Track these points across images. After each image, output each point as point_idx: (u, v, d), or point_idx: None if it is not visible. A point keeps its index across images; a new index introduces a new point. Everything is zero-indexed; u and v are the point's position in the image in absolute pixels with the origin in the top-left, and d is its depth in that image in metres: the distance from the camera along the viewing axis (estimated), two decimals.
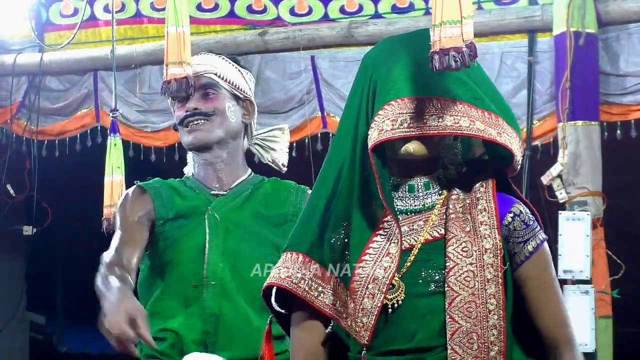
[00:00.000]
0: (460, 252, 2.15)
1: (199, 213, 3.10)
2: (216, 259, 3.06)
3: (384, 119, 2.14)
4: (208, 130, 3.12)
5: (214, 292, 3.04)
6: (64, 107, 6.51)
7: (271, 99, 6.02)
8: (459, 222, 2.18)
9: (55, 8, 6.53)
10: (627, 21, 5.34)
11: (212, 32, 6.13)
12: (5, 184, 6.78)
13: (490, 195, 2.21)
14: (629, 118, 5.35)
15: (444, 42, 2.10)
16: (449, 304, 2.12)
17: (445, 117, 2.14)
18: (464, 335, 2.11)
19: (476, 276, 2.14)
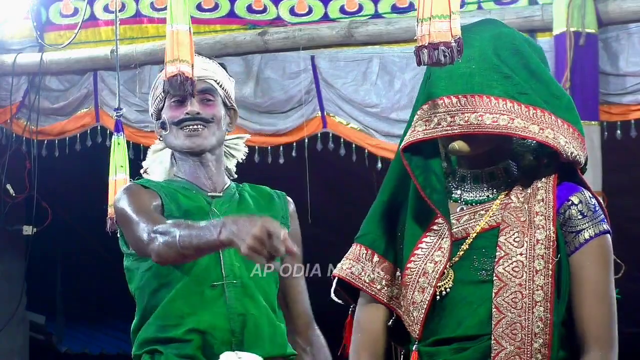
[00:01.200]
0: (512, 242, 2.16)
1: (203, 212, 3.08)
2: (232, 258, 3.04)
3: (419, 119, 2.19)
4: (205, 136, 3.11)
5: (236, 291, 3.02)
6: (64, 107, 6.51)
7: (271, 99, 6.02)
8: (516, 211, 2.18)
9: (55, 8, 6.52)
10: (627, 21, 5.34)
11: (212, 32, 6.13)
12: (5, 184, 6.78)
13: (551, 185, 2.20)
14: (629, 118, 5.35)
15: (433, 37, 2.10)
16: (496, 293, 2.13)
17: (485, 115, 2.15)
18: (507, 326, 2.12)
19: (525, 267, 2.14)
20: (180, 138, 3.12)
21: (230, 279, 3.02)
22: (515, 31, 2.31)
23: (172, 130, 3.14)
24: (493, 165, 2.24)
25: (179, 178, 3.18)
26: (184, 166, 3.17)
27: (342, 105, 5.87)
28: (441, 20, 2.11)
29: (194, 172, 3.16)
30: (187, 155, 3.15)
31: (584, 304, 2.21)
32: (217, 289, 3.01)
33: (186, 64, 3.26)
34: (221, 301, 3.01)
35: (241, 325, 3.01)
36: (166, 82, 3.16)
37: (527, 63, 2.23)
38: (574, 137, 2.22)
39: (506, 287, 2.13)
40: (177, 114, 3.13)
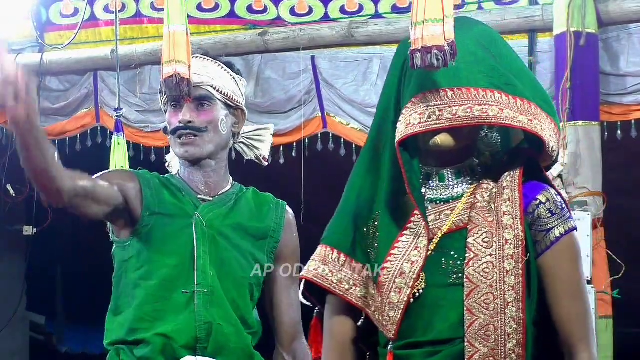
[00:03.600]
0: (481, 243, 2.14)
1: (186, 216, 3.08)
2: (207, 266, 3.04)
3: (412, 112, 2.14)
4: (199, 145, 3.09)
5: (206, 299, 3.03)
6: (64, 107, 6.51)
7: (271, 99, 6.02)
8: (483, 211, 2.17)
9: (56, 8, 6.53)
10: (628, 21, 5.34)
11: (213, 32, 6.13)
12: (5, 184, 6.78)
13: (516, 184, 2.19)
14: (630, 118, 5.35)
15: (426, 40, 2.10)
16: (467, 295, 2.11)
17: (474, 107, 2.13)
18: (480, 328, 2.10)
19: (495, 267, 2.12)
20: (176, 146, 3.12)
21: (201, 287, 3.03)
22: (491, 28, 2.31)
23: (171, 137, 3.14)
24: (459, 163, 2.22)
25: (177, 176, 3.18)
26: (183, 169, 3.18)
27: (343, 105, 5.87)
28: (434, 24, 2.12)
29: (189, 176, 3.15)
30: (183, 162, 3.16)
31: (561, 303, 2.18)
32: (188, 296, 3.02)
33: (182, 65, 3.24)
34: (190, 308, 3.02)
35: (207, 333, 3.02)
36: (162, 83, 3.15)
37: (509, 56, 2.23)
38: (555, 132, 2.24)
39: (477, 289, 2.11)
40: (173, 121, 3.12)
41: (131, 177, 3.11)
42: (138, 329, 3.03)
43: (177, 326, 3.01)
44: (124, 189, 3.06)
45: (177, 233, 3.06)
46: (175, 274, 3.04)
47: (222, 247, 3.08)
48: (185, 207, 3.10)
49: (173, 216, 3.08)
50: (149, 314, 3.03)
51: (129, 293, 3.07)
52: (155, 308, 3.03)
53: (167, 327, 3.01)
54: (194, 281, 3.03)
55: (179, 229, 3.07)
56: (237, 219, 3.13)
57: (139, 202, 3.07)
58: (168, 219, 3.07)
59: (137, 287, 3.06)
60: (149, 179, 3.13)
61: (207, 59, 3.27)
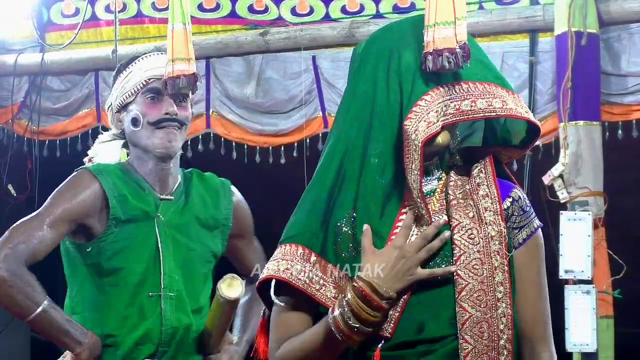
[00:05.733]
0: (467, 239, 2.13)
1: (148, 218, 3.07)
2: (172, 269, 3.06)
3: (428, 110, 2.10)
4: (177, 140, 3.10)
5: (172, 303, 3.04)
6: (65, 107, 6.51)
7: (272, 99, 6.02)
8: (462, 208, 2.15)
9: (57, 8, 6.53)
10: (629, 21, 5.34)
11: (214, 32, 6.13)
12: (6, 184, 6.78)
13: (491, 180, 2.19)
14: (631, 118, 5.35)
15: (437, 43, 2.10)
16: (459, 292, 2.10)
17: (478, 101, 2.12)
18: (474, 325, 2.09)
19: (484, 264, 2.12)
20: (155, 138, 3.07)
21: (168, 290, 3.04)
22: None
23: (147, 129, 3.09)
24: (428, 161, 2.19)
25: (133, 171, 3.13)
26: (143, 165, 3.13)
27: None
28: (446, 27, 2.11)
29: (151, 173, 3.12)
30: (151, 157, 3.11)
31: (528, 302, 2.19)
32: (154, 299, 3.03)
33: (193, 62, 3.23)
34: (157, 312, 3.03)
35: (171, 337, 3.04)
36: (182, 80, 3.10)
37: (480, 49, 2.22)
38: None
39: (469, 286, 2.10)
40: (154, 113, 3.08)
41: (94, 194, 3.06)
42: (108, 335, 3.05)
43: (146, 331, 3.03)
44: (81, 218, 3.05)
45: (142, 237, 3.06)
46: (142, 279, 3.05)
47: (183, 245, 3.09)
48: (147, 209, 3.08)
49: (137, 220, 3.07)
50: (118, 319, 3.04)
51: (95, 298, 3.07)
52: (123, 314, 3.04)
53: (136, 332, 3.03)
54: (160, 285, 3.04)
55: (142, 233, 3.06)
56: (192, 212, 3.14)
57: (101, 216, 3.05)
58: (132, 225, 3.06)
59: (106, 294, 3.06)
60: (113, 184, 3.07)
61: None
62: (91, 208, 3.05)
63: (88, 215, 3.05)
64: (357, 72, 2.21)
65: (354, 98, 2.20)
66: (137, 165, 3.13)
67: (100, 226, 3.05)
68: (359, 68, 2.21)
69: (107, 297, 3.06)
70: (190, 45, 3.19)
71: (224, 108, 6.09)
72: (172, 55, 3.20)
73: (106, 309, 3.05)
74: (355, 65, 2.23)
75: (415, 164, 2.08)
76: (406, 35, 2.18)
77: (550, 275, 4.06)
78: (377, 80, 2.17)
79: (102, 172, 3.10)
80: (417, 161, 2.08)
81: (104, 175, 3.09)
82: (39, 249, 3.02)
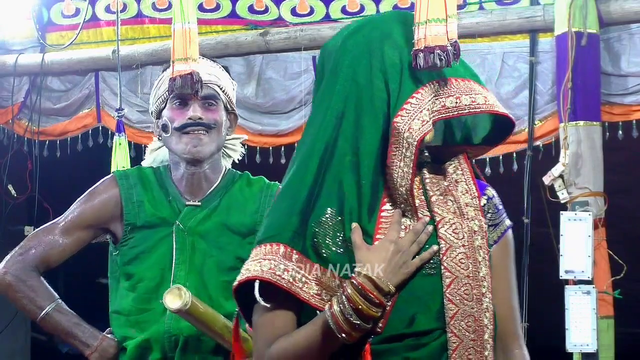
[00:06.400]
0: (452, 234, 2.13)
1: (166, 225, 3.09)
2: (182, 276, 3.06)
3: (420, 108, 2.09)
4: (206, 143, 3.09)
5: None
6: (66, 108, 6.52)
7: (272, 99, 6.02)
8: (443, 204, 2.16)
9: (57, 8, 6.53)
10: (629, 21, 5.33)
11: (214, 32, 6.13)
12: (6, 185, 6.78)
13: (469, 177, 2.20)
14: (631, 118, 5.35)
15: (429, 40, 2.09)
16: (447, 286, 2.10)
17: (462, 97, 2.12)
18: (462, 318, 2.10)
19: (469, 258, 2.12)
20: (182, 144, 3.10)
21: None
22: None
23: (174, 134, 3.11)
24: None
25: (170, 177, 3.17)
26: (176, 170, 3.16)
27: None
28: (437, 24, 2.11)
29: (182, 178, 3.15)
30: (182, 161, 3.13)
31: (501, 300, 2.20)
32: (163, 306, 3.01)
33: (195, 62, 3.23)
34: (163, 319, 3.05)
35: (174, 345, 3.05)
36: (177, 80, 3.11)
37: None
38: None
39: (456, 280, 2.10)
40: (180, 118, 3.10)
41: (110, 199, 3.13)
42: (125, 337, 3.09)
43: (152, 337, 3.06)
44: (99, 223, 3.13)
45: (157, 244, 3.08)
46: (154, 285, 3.07)
47: (202, 253, 3.08)
48: (165, 216, 3.10)
49: (154, 227, 3.09)
50: (133, 324, 3.08)
51: (121, 301, 3.13)
52: (137, 319, 3.08)
53: (141, 338, 3.06)
54: None
55: (159, 240, 3.08)
56: (219, 218, 3.12)
57: (119, 222, 3.11)
58: (149, 231, 3.09)
59: (125, 298, 3.11)
60: (132, 191, 3.12)
61: (208, 60, 3.28)
62: (106, 214, 3.12)
63: (107, 220, 3.13)
64: (334, 69, 2.17)
65: (332, 95, 2.16)
66: (172, 170, 3.18)
67: (120, 231, 3.12)
68: (336, 65, 2.18)
69: (125, 301, 3.11)
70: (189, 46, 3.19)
71: None
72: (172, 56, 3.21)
73: (125, 311, 3.10)
74: (329, 62, 2.20)
75: (405, 161, 2.07)
76: (385, 31, 2.17)
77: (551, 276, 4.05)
78: (356, 77, 2.14)
79: (126, 177, 3.16)
80: (408, 159, 2.07)
81: (125, 181, 3.14)
82: (51, 254, 3.11)
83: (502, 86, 5.51)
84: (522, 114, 5.44)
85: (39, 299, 3.08)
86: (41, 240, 3.11)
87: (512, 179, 5.46)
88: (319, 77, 2.24)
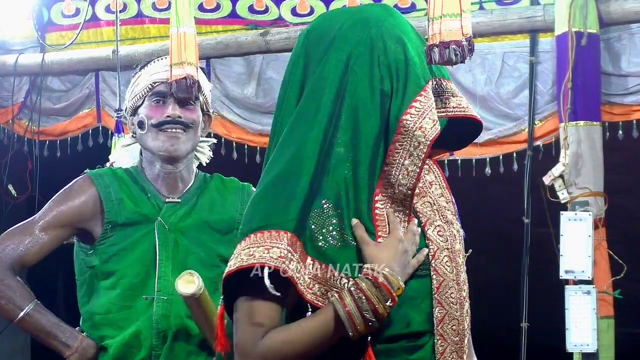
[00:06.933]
0: (437, 235, 2.11)
1: (148, 221, 3.09)
2: (167, 272, 3.06)
3: (430, 107, 2.04)
4: (184, 142, 3.11)
5: (165, 307, 3.05)
6: (66, 108, 6.52)
7: (273, 99, 6.01)
8: (424, 204, 2.13)
9: (57, 8, 6.53)
10: (629, 21, 5.33)
11: (214, 32, 6.13)
12: (6, 184, 6.77)
13: (442, 181, 2.19)
14: (631, 118, 5.34)
15: (444, 35, 2.08)
16: (437, 288, 2.07)
17: (450, 99, 2.11)
18: (449, 322, 2.08)
19: (452, 261, 2.11)
20: (158, 141, 3.11)
21: (161, 294, 3.04)
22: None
23: (151, 132, 3.12)
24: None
25: (143, 175, 3.17)
26: (151, 169, 3.17)
27: None
28: (452, 19, 2.10)
29: (158, 177, 3.16)
30: (158, 159, 3.14)
31: None
32: (148, 302, 3.04)
33: (192, 66, 3.26)
34: (148, 314, 3.05)
35: (162, 341, 3.05)
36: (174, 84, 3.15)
37: None
38: None
39: (444, 282, 2.08)
40: (157, 116, 3.12)
41: (91, 200, 3.11)
42: (104, 336, 3.08)
43: (136, 333, 3.05)
44: (76, 223, 3.11)
45: (139, 241, 3.08)
46: (137, 282, 3.07)
47: (184, 249, 3.09)
48: (147, 213, 3.10)
49: (135, 224, 3.09)
50: (113, 321, 3.07)
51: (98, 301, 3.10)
52: (119, 317, 3.07)
53: (126, 334, 3.05)
54: (154, 288, 3.04)
55: (141, 237, 3.08)
56: (200, 215, 3.13)
57: (98, 220, 3.10)
58: (130, 229, 3.09)
59: (103, 297, 3.09)
60: (109, 188, 3.12)
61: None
62: (87, 213, 3.10)
63: (84, 220, 3.10)
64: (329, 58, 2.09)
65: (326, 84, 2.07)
66: (146, 168, 3.17)
67: (99, 230, 3.09)
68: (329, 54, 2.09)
69: (104, 300, 3.09)
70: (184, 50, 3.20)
71: (225, 108, 6.09)
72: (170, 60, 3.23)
73: (102, 311, 3.08)
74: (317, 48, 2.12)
75: (412, 160, 2.02)
76: (386, 25, 2.11)
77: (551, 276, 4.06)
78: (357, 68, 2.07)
79: (101, 177, 3.14)
80: (416, 158, 2.02)
81: (101, 180, 3.13)
82: (27, 253, 3.08)
83: (502, 86, 5.50)
84: (522, 114, 5.44)
85: (17, 298, 3.03)
86: (17, 239, 3.08)
87: (512, 179, 5.46)
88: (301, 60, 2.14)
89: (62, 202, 3.13)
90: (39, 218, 3.12)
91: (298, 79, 2.14)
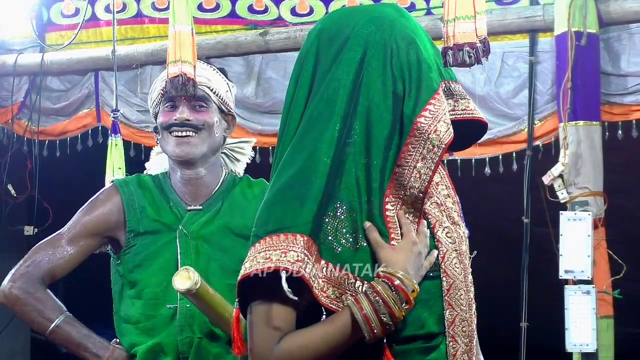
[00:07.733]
0: (446, 237, 2.11)
1: (169, 230, 3.10)
2: None
3: (444, 110, 2.02)
4: (195, 144, 3.10)
5: (188, 314, 3.05)
6: (65, 107, 6.52)
7: (272, 99, 6.01)
8: (432, 205, 2.12)
9: (57, 8, 6.53)
10: (629, 21, 5.33)
11: (214, 32, 6.13)
12: (6, 184, 6.78)
13: (448, 182, 2.18)
14: (630, 118, 5.34)
15: (458, 38, 2.08)
16: (447, 290, 2.07)
17: (459, 101, 2.11)
18: (459, 323, 2.08)
19: (461, 263, 2.10)
20: (170, 144, 3.11)
21: (184, 302, 3.03)
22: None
23: (163, 135, 3.13)
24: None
25: (169, 182, 3.18)
26: (173, 174, 3.18)
27: None
28: (466, 21, 2.10)
29: (179, 183, 3.16)
30: (177, 164, 3.14)
31: None
32: (172, 311, 3.04)
33: (188, 64, 3.26)
34: (173, 323, 3.05)
35: (188, 347, 3.05)
36: (168, 82, 3.15)
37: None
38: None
39: (454, 284, 2.08)
40: (167, 120, 3.12)
41: (112, 208, 3.13)
42: (134, 344, 3.09)
43: (163, 341, 3.06)
44: (103, 232, 3.13)
45: (160, 250, 3.08)
46: (160, 291, 3.07)
47: (206, 257, 3.08)
48: (167, 222, 3.11)
49: (156, 232, 3.10)
50: (142, 330, 3.08)
51: (128, 311, 3.12)
52: (146, 325, 3.08)
53: (154, 342, 3.06)
54: (177, 296, 3.04)
55: (162, 245, 3.08)
56: (223, 221, 3.12)
57: (122, 229, 3.12)
58: (152, 237, 3.09)
59: (132, 306, 3.11)
60: (132, 197, 3.13)
61: (202, 62, 3.29)
62: (112, 221, 3.12)
63: (111, 228, 3.13)
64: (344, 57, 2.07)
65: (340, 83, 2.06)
66: (172, 175, 3.19)
67: (124, 239, 3.12)
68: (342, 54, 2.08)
69: (132, 310, 3.10)
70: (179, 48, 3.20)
71: None
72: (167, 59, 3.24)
73: (133, 320, 3.10)
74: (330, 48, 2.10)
75: (425, 162, 2.01)
76: (399, 27, 2.10)
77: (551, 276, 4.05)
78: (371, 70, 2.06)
79: (126, 185, 3.16)
80: (430, 160, 2.01)
81: (126, 188, 3.15)
82: (57, 266, 3.11)
83: (502, 86, 5.50)
84: (522, 114, 5.44)
85: (47, 311, 3.09)
86: (46, 252, 3.11)
87: (512, 178, 5.46)
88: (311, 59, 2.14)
89: (88, 212, 3.14)
90: (67, 230, 3.14)
91: (307, 79, 2.13)
